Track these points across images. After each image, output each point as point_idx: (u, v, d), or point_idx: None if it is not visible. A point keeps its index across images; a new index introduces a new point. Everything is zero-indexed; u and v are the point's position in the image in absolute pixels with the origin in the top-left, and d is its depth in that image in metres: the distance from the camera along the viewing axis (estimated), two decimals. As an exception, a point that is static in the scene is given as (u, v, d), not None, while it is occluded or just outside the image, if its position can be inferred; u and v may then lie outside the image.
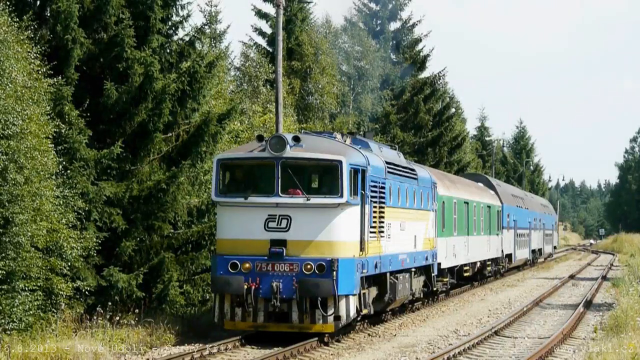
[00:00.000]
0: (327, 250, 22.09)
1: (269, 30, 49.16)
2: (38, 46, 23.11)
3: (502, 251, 48.91)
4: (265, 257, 22.14)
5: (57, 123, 22.98)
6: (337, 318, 22.25)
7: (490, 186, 50.28)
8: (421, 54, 62.19)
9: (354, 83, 52.36)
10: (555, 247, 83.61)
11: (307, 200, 22.20)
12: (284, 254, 22.08)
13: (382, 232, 24.98)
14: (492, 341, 24.64)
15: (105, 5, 25.50)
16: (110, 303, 23.46)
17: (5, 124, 20.10)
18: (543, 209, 72.65)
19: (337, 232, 22.32)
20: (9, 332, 20.20)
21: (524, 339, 25.30)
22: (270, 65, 44.06)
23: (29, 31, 22.80)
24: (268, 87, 43.97)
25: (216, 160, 23.13)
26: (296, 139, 22.63)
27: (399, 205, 26.75)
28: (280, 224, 22.22)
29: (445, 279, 35.23)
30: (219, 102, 34.48)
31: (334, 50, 50.62)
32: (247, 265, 22.15)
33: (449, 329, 27.09)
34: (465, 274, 39.77)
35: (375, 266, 24.24)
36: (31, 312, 21.07)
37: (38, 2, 25.51)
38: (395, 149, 30.60)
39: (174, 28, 27.95)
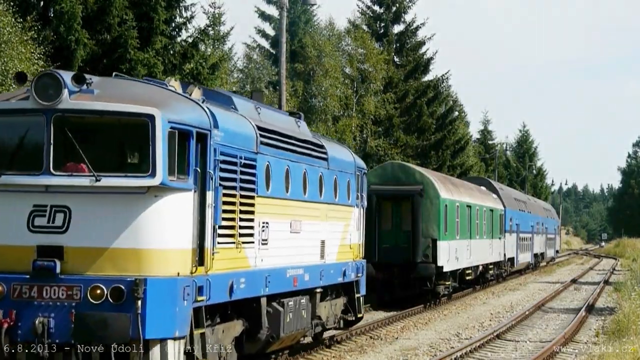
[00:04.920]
0: (131, 265, 13.67)
1: (272, 33, 49.29)
2: (42, 47, 23.15)
3: (505, 255, 48.92)
4: (27, 276, 13.59)
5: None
6: None
7: (493, 190, 50.31)
8: (425, 56, 62.21)
9: (357, 86, 52.35)
10: (557, 251, 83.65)
11: (96, 181, 13.61)
12: (59, 271, 13.59)
13: (250, 235, 16.27)
14: (494, 345, 24.62)
15: (108, 6, 25.57)
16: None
17: (8, 124, 20.05)
18: (545, 213, 72.69)
19: (148, 234, 13.80)
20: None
21: (525, 342, 25.27)
22: (273, 67, 44.13)
23: (33, 32, 22.85)
24: (271, 89, 44.00)
25: None
26: (80, 80, 13.83)
27: (287, 195, 18.01)
28: (52, 221, 13.79)
29: (447, 282, 35.23)
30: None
31: (337, 53, 50.63)
32: None
33: (451, 332, 27.06)
34: (468, 278, 39.76)
35: (231, 289, 15.50)
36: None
37: (42, 3, 25.56)
38: (300, 117, 21.31)
39: (177, 29, 28.03)
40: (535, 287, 47.33)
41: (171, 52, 27.39)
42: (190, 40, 27.71)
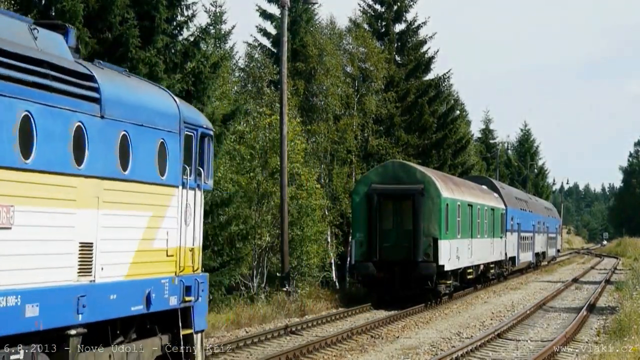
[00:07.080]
0: None
1: (273, 31, 49.24)
2: (43, 45, 23.11)
3: (506, 254, 48.91)
4: None
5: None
6: None
7: (494, 189, 50.31)
8: (426, 56, 62.15)
9: (359, 84, 52.27)
10: (558, 251, 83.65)
11: None
12: None
13: None
14: (495, 344, 24.61)
15: (110, 4, 25.52)
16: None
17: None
18: (547, 212, 72.68)
19: None
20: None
21: (526, 342, 25.27)
22: (274, 66, 44.07)
23: (34, 30, 22.81)
24: (272, 88, 43.97)
25: None
26: None
27: None
28: None
29: (448, 282, 35.22)
30: (224, 102, 34.46)
31: (338, 52, 50.57)
32: None
33: (452, 332, 27.06)
34: (469, 277, 39.76)
35: None
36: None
37: (43, 2, 25.54)
38: (66, 32, 13.77)
39: (178, 28, 27.97)
40: (537, 287, 47.33)
41: (172, 50, 27.36)
42: (191, 39, 27.67)
